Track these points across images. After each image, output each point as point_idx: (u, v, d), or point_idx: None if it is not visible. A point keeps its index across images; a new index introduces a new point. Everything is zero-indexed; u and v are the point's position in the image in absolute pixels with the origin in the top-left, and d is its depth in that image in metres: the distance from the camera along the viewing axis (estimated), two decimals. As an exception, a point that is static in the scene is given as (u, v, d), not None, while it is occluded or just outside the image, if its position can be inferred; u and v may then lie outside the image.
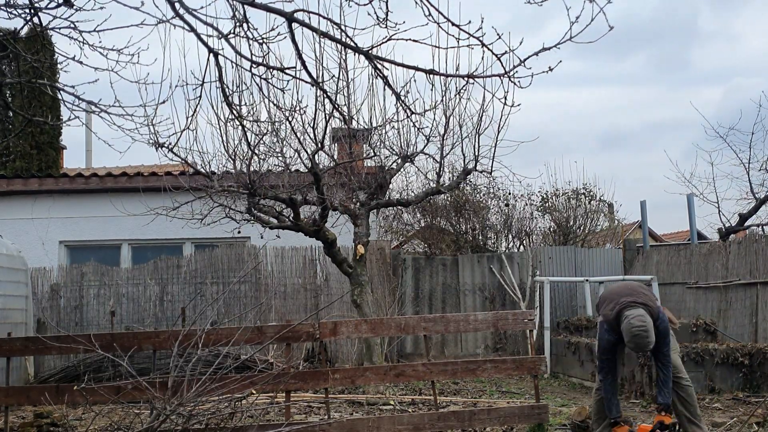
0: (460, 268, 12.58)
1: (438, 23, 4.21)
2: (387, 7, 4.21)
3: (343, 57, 8.00)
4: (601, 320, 5.49)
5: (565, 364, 10.53)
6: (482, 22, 4.24)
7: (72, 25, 4.87)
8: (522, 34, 3.94)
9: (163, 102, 5.91)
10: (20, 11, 4.80)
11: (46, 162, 14.63)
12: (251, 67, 5.07)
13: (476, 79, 5.00)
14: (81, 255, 12.10)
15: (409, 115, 7.46)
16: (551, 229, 15.36)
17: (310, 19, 4.52)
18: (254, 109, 8.20)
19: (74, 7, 4.70)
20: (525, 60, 4.29)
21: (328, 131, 8.35)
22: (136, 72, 9.44)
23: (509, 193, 15.10)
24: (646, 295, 5.47)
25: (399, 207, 13.81)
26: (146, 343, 5.86)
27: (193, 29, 4.54)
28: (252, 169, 8.23)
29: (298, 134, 8.36)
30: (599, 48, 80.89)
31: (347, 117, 8.35)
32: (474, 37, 4.24)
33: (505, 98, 7.39)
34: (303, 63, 4.63)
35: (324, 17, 4.71)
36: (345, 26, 4.58)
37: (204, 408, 5.44)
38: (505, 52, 4.30)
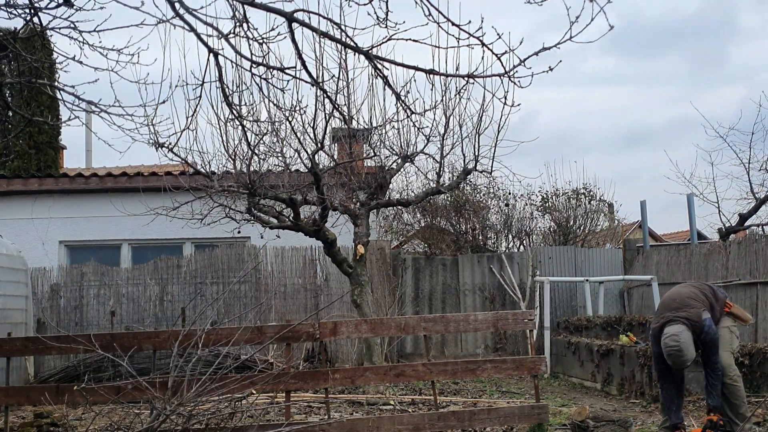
0: (460, 268, 12.58)
1: (438, 23, 4.21)
2: (387, 7, 4.21)
3: (343, 57, 8.01)
4: (650, 333, 5.86)
5: (565, 364, 10.53)
6: (482, 21, 4.24)
7: (72, 25, 4.87)
8: (563, 31, 3.91)
9: (163, 102, 5.90)
10: (20, 11, 4.80)
11: (44, 162, 14.62)
12: (251, 67, 5.07)
13: (476, 79, 5.00)
14: (81, 255, 12.10)
15: (409, 115, 7.47)
16: (551, 229, 15.36)
17: (310, 19, 4.53)
18: (254, 109, 8.21)
19: (74, 7, 4.70)
20: (525, 60, 4.29)
21: (328, 131, 8.35)
22: (136, 72, 9.42)
23: (509, 193, 15.12)
24: (695, 304, 5.58)
25: (399, 207, 13.81)
26: (146, 343, 5.86)
27: (193, 29, 4.54)
28: (252, 169, 8.22)
29: (298, 134, 8.36)
30: (637, 44, 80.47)
31: (347, 117, 8.34)
32: (474, 36, 4.24)
33: (505, 98, 7.37)
34: (303, 63, 4.63)
35: (324, 17, 4.72)
36: (345, 26, 4.58)
37: (204, 408, 5.44)
38: (505, 52, 4.31)
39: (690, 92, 65.55)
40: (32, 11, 4.77)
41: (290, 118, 8.11)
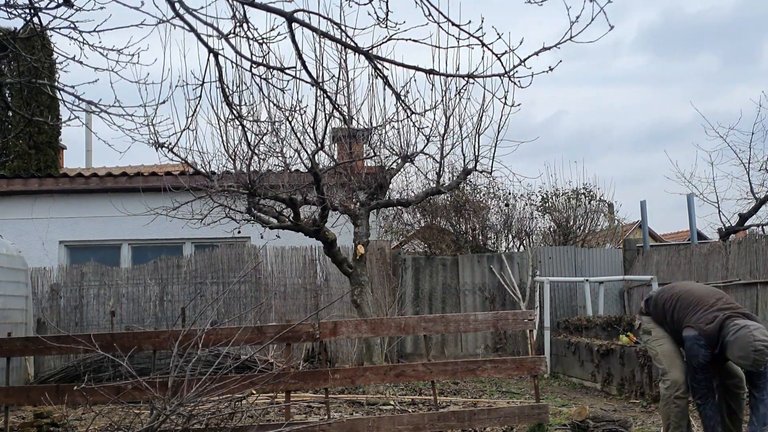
0: (460, 268, 12.58)
1: (438, 23, 4.21)
2: (387, 7, 4.21)
3: (343, 57, 8.00)
4: (695, 334, 4.67)
5: (565, 364, 10.53)
6: (482, 21, 4.24)
7: (72, 25, 4.87)
8: (599, 29, 3.91)
9: (163, 102, 5.89)
10: (20, 11, 4.80)
11: (44, 162, 14.63)
12: (251, 67, 5.07)
13: (476, 79, 5.01)
14: (81, 255, 12.10)
15: (409, 115, 7.46)
16: (551, 229, 15.36)
17: (310, 19, 4.53)
18: (254, 109, 8.20)
19: (74, 7, 4.70)
20: (525, 60, 4.30)
21: (328, 131, 8.34)
22: (136, 72, 9.43)
23: (509, 193, 15.13)
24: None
25: (399, 207, 13.81)
26: (146, 343, 5.86)
27: (193, 29, 4.54)
28: (252, 169, 8.22)
29: (298, 134, 8.36)
30: (673, 41, 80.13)
31: (347, 117, 8.34)
32: (474, 36, 4.24)
33: (506, 98, 7.36)
34: (303, 63, 4.63)
35: (324, 17, 4.72)
36: (345, 26, 4.58)
37: (204, 408, 5.44)
38: (505, 52, 4.31)
39: (720, 90, 65.11)
40: (32, 11, 4.77)
41: (290, 118, 8.12)
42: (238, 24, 4.49)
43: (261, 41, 4.64)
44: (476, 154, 9.03)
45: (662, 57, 78.84)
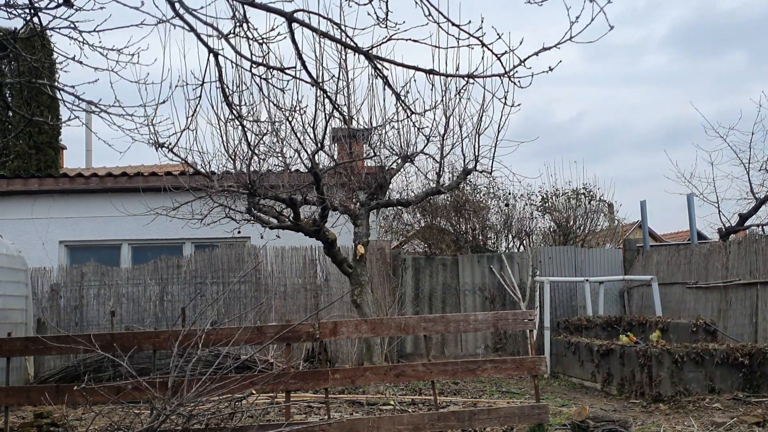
0: (460, 268, 12.58)
1: (438, 23, 4.22)
2: (387, 7, 4.22)
3: (343, 57, 8.00)
4: None
5: (565, 364, 10.53)
6: (482, 21, 4.25)
7: (72, 25, 4.88)
8: (629, 28, 3.91)
9: (163, 102, 5.90)
10: (20, 11, 4.81)
11: (44, 162, 14.64)
12: (251, 67, 5.08)
13: (476, 79, 5.02)
14: (81, 255, 12.10)
15: (409, 115, 7.46)
16: (551, 229, 15.36)
17: (310, 19, 4.53)
18: (254, 109, 8.20)
19: (74, 7, 4.70)
20: (525, 60, 4.31)
21: (328, 131, 8.35)
22: (136, 72, 9.42)
23: (509, 193, 15.12)
24: None
25: (399, 207, 13.81)
26: (146, 343, 5.86)
27: (193, 29, 4.55)
28: (252, 169, 8.22)
29: (298, 134, 8.36)
30: (702, 40, 79.87)
31: (347, 117, 8.34)
32: (474, 37, 4.25)
33: (506, 98, 7.36)
34: (303, 63, 4.64)
35: (324, 17, 4.72)
36: (345, 26, 4.59)
37: (204, 408, 5.44)
38: (505, 52, 4.32)
39: (745, 88, 64.70)
40: (32, 11, 4.78)
41: (290, 118, 8.12)
42: (238, 24, 4.50)
43: (261, 41, 4.65)
44: (476, 154, 9.04)
45: (691, 55, 78.45)
